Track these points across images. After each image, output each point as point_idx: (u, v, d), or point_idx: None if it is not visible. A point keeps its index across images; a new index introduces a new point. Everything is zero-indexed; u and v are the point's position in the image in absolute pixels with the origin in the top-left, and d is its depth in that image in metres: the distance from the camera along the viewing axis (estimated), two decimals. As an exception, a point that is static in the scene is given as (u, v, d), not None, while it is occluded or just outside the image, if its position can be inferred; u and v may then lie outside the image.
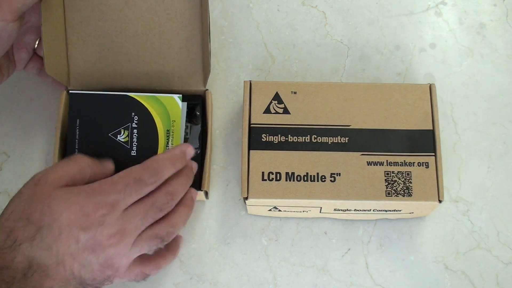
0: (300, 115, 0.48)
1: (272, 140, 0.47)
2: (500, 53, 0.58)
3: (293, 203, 0.47)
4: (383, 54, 0.58)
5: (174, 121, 0.49)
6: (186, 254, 0.51)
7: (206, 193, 0.50)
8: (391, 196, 0.46)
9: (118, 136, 0.49)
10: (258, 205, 0.48)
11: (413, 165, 0.47)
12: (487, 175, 0.53)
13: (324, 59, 0.58)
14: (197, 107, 0.51)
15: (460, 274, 0.50)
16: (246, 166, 0.47)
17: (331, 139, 0.47)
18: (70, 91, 0.50)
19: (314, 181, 0.46)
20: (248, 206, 0.49)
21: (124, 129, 0.49)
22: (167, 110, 0.49)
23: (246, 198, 0.46)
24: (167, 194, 0.43)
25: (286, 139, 0.48)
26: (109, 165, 0.45)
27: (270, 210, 0.49)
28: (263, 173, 0.46)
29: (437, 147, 0.47)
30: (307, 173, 0.46)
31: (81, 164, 0.42)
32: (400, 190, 0.46)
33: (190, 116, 0.51)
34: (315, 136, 0.48)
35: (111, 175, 0.42)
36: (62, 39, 0.48)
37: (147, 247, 0.42)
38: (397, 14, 0.60)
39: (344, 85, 0.50)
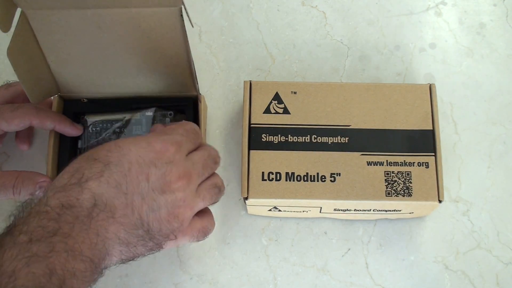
0: (300, 115, 0.48)
1: (272, 140, 0.47)
2: (500, 53, 0.58)
3: (293, 203, 0.47)
4: (383, 54, 0.58)
5: None
6: (186, 254, 0.51)
7: None
8: (391, 196, 0.46)
9: None
10: (258, 205, 0.48)
11: (413, 165, 0.47)
12: (487, 175, 0.53)
13: (324, 59, 0.58)
14: (186, 110, 0.50)
15: (460, 274, 0.50)
16: (246, 166, 0.47)
17: (331, 139, 0.47)
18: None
19: (314, 181, 0.46)
20: (248, 206, 0.49)
21: None
22: None
23: (246, 198, 0.46)
24: (215, 149, 0.43)
25: (286, 139, 0.48)
26: None
27: (270, 210, 0.49)
28: (263, 173, 0.46)
29: (437, 147, 0.47)
30: (307, 173, 0.46)
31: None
32: (400, 190, 0.46)
33: (180, 119, 0.50)
34: (315, 136, 0.48)
35: None
36: (41, 61, 0.47)
37: (208, 197, 0.40)
38: (397, 14, 0.60)
39: (344, 85, 0.50)
